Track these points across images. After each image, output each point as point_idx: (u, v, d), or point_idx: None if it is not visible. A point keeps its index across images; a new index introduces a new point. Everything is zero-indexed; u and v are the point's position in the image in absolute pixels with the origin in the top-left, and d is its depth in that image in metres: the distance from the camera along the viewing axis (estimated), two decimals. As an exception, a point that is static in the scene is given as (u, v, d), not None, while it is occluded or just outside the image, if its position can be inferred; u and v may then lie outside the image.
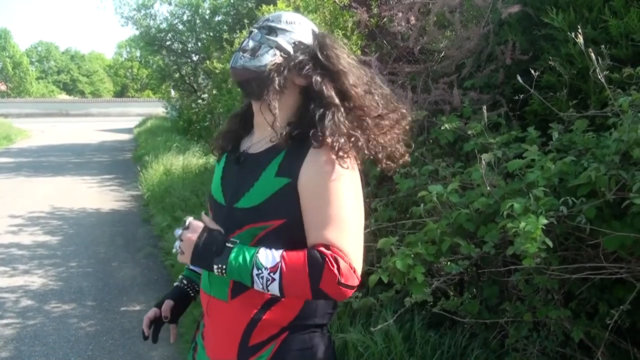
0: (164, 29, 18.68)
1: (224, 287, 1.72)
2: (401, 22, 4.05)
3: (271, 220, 1.65)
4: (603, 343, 2.56)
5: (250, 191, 1.69)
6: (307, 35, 1.74)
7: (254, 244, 1.64)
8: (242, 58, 1.70)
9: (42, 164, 15.63)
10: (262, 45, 1.70)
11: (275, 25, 1.71)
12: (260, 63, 1.69)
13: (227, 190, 1.78)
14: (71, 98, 58.23)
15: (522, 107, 3.50)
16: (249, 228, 1.67)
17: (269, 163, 1.69)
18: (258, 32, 1.72)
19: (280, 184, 1.65)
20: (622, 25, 3.00)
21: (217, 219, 1.75)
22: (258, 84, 1.70)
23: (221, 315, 1.75)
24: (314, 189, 1.61)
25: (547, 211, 2.28)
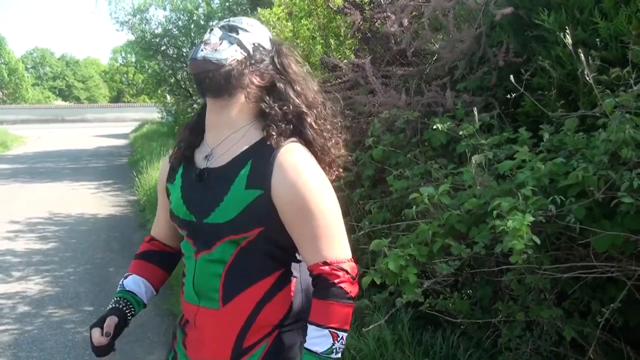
0: (159, 34, 18.67)
1: (213, 295, 1.73)
2: (394, 25, 4.08)
3: (249, 230, 1.68)
4: (595, 341, 2.58)
5: (220, 206, 1.70)
6: (265, 40, 1.77)
7: (237, 251, 1.70)
8: (202, 50, 1.68)
9: (38, 170, 15.62)
10: (224, 41, 1.70)
11: (236, 25, 1.73)
12: (221, 56, 1.68)
13: (194, 206, 1.76)
14: (67, 104, 58.18)
15: (515, 109, 3.53)
16: (230, 239, 1.69)
17: (236, 176, 1.70)
18: (219, 29, 1.73)
19: (252, 196, 1.66)
20: (612, 27, 3.03)
21: (192, 235, 1.78)
22: (217, 79, 1.69)
23: (212, 323, 1.76)
24: (294, 202, 1.65)
25: (536, 210, 2.31)
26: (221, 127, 1.75)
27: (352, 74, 4.29)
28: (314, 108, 1.79)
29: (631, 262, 2.44)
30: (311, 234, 1.66)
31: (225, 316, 1.73)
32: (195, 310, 1.78)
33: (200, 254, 1.74)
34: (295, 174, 1.65)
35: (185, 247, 1.81)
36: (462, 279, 3.48)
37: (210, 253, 1.72)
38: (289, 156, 1.67)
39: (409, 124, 3.77)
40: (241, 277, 1.71)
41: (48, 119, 41.10)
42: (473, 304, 3.32)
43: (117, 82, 61.24)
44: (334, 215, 1.70)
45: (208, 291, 1.74)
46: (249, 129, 1.74)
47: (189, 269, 1.79)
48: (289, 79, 1.77)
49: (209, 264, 1.73)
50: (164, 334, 4.82)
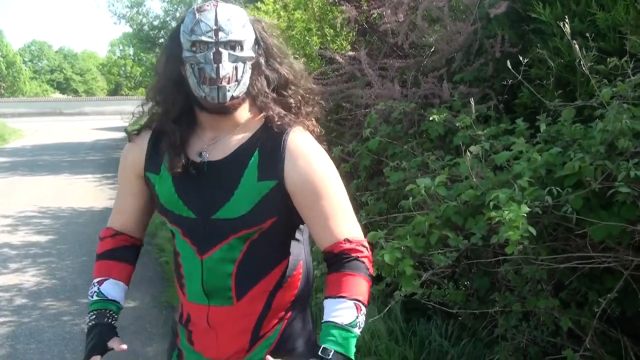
0: (156, 26, 18.66)
1: (226, 292, 1.70)
2: (390, 19, 4.07)
3: (263, 222, 1.66)
4: (591, 331, 2.58)
5: (231, 201, 1.65)
6: (251, 30, 1.68)
7: (248, 245, 1.67)
8: (228, 90, 1.60)
9: (37, 163, 15.58)
10: (238, 66, 1.62)
11: (235, 38, 1.60)
12: (245, 86, 1.65)
13: (194, 202, 1.69)
14: (65, 97, 57.95)
15: (512, 100, 3.53)
16: (243, 234, 1.66)
17: (244, 167, 1.66)
18: (224, 50, 1.59)
19: (266, 188, 1.65)
20: (610, 17, 3.02)
21: (190, 233, 1.71)
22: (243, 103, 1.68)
23: (227, 319, 1.73)
24: (310, 187, 1.64)
25: (532, 201, 2.31)
26: (222, 129, 1.71)
27: (348, 67, 4.28)
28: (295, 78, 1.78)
29: (628, 252, 2.44)
30: (329, 214, 1.66)
31: (241, 310, 1.72)
32: (204, 309, 1.74)
33: (207, 254, 1.69)
34: (307, 160, 1.65)
35: (182, 246, 1.75)
36: (459, 270, 3.48)
37: (219, 252, 1.68)
38: (298, 142, 1.67)
39: (405, 116, 3.77)
40: (254, 270, 1.70)
41: (46, 112, 40.93)
42: (470, 295, 3.33)
43: (115, 75, 61.23)
44: (346, 196, 1.72)
45: (221, 291, 1.70)
46: (247, 119, 1.72)
47: (190, 270, 1.73)
48: (270, 54, 1.72)
49: (219, 264, 1.69)
50: (162, 326, 4.82)
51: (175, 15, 18.45)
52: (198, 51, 1.59)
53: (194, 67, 1.60)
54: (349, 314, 1.59)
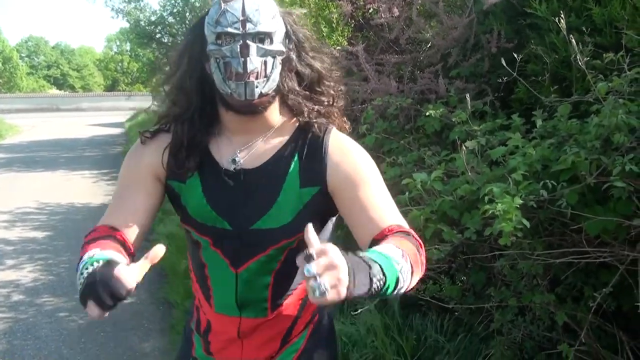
0: (153, 22, 18.61)
1: (262, 304, 1.62)
2: (385, 14, 4.07)
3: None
4: (587, 326, 2.59)
5: (272, 209, 1.54)
6: (282, 23, 1.56)
7: (286, 254, 1.57)
8: (257, 85, 1.48)
9: (34, 159, 15.58)
10: (267, 60, 1.49)
11: (265, 30, 1.48)
12: (275, 82, 1.52)
13: (228, 212, 1.57)
14: (62, 93, 57.93)
15: (509, 96, 3.53)
16: (283, 244, 1.55)
17: (285, 175, 1.56)
18: (252, 43, 1.46)
19: (309, 195, 1.55)
20: (606, 13, 3.02)
21: (222, 245, 1.59)
22: (272, 101, 1.56)
23: (260, 330, 1.65)
24: (352, 182, 1.53)
25: (527, 195, 2.32)
26: (253, 131, 1.60)
27: (345, 62, 4.28)
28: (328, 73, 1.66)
29: (623, 247, 2.45)
30: (375, 205, 1.50)
31: (274, 321, 1.64)
32: (235, 321, 1.64)
33: (243, 267, 1.58)
34: (348, 158, 1.56)
35: (211, 258, 1.62)
36: (455, 265, 3.49)
37: (256, 264, 1.57)
38: (338, 143, 1.58)
39: (402, 111, 3.77)
40: (289, 279, 1.62)
41: (43, 107, 40.91)
42: (466, 290, 3.33)
43: (112, 71, 61.14)
44: (387, 191, 1.58)
45: (255, 303, 1.62)
46: (279, 121, 1.62)
47: (221, 283, 1.62)
48: (303, 47, 1.60)
49: (256, 276, 1.59)
50: (159, 322, 4.83)
51: (172, 10, 18.41)
52: (224, 44, 1.48)
53: (219, 61, 1.48)
54: (395, 252, 1.32)
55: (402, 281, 1.29)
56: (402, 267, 1.29)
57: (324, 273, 1.12)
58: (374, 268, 1.21)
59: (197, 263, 1.67)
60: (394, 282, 1.26)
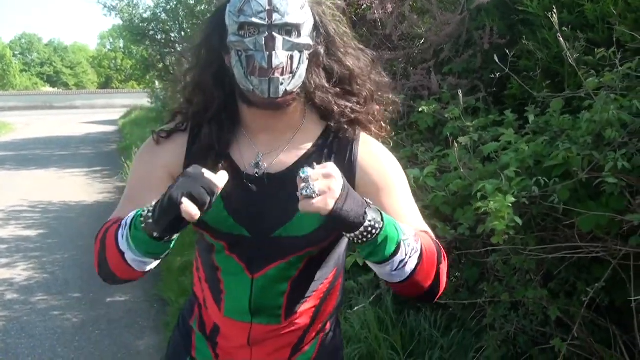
0: (147, 19, 18.53)
1: (275, 311, 1.52)
2: (378, 10, 4.07)
3: (328, 238, 1.48)
4: (580, 320, 2.60)
5: (296, 217, 1.42)
6: (310, 15, 1.44)
7: (306, 262, 1.49)
8: (282, 82, 1.36)
9: (27, 157, 15.53)
10: (294, 55, 1.37)
11: (292, 21, 1.36)
12: (301, 79, 1.41)
13: (249, 219, 1.46)
14: (55, 90, 57.69)
15: (501, 92, 3.54)
16: (306, 251, 1.48)
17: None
18: (278, 35, 1.35)
19: None
20: (598, 9, 3.03)
21: (239, 251, 1.49)
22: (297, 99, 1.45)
23: (272, 337, 1.55)
24: (382, 192, 1.45)
25: (519, 191, 2.32)
26: (276, 131, 1.49)
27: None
28: (362, 71, 1.54)
29: (616, 242, 2.46)
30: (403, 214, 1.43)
31: (287, 328, 1.55)
32: (246, 327, 1.53)
33: (261, 273, 1.48)
34: (379, 168, 1.47)
35: (226, 262, 1.52)
36: (449, 261, 3.49)
37: (274, 270, 1.48)
38: (368, 150, 1.49)
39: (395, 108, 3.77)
40: (306, 286, 1.53)
41: (36, 105, 40.79)
42: (460, 286, 3.34)
43: (106, 68, 60.87)
44: (413, 199, 1.53)
45: (269, 309, 1.52)
46: (304, 122, 1.52)
47: (235, 287, 1.52)
48: (333, 42, 1.49)
49: (273, 282, 1.49)
50: (153, 320, 4.83)
51: (166, 7, 18.34)
52: (247, 35, 1.36)
53: (241, 54, 1.36)
54: (407, 228, 1.29)
55: (404, 253, 1.26)
56: (408, 239, 1.26)
57: (317, 178, 1.15)
58: (372, 208, 1.21)
59: (208, 264, 1.57)
60: (395, 243, 1.23)
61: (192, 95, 1.53)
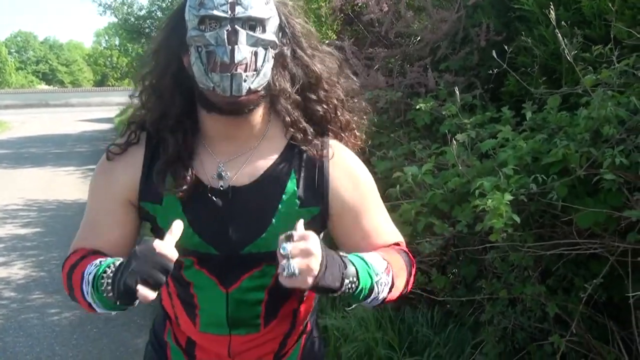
0: (142, 16, 18.49)
1: (254, 320, 1.45)
2: (374, 9, 4.07)
3: None
4: (578, 316, 2.60)
5: (267, 232, 1.37)
6: (276, 10, 1.37)
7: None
8: (245, 79, 1.27)
9: (23, 155, 15.49)
10: (258, 51, 1.29)
11: (257, 15, 1.28)
12: (266, 78, 1.32)
13: (216, 237, 1.38)
14: (51, 88, 57.67)
15: (498, 89, 3.54)
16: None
17: (281, 193, 1.38)
18: (241, 29, 1.26)
19: (309, 215, 1.39)
20: (595, 5, 3.03)
21: (209, 267, 1.41)
22: (262, 100, 1.36)
23: (252, 346, 1.50)
24: (356, 209, 1.43)
25: (517, 189, 2.32)
26: (238, 139, 1.40)
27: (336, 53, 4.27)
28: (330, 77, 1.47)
29: (614, 238, 2.46)
30: (376, 230, 1.45)
31: (267, 335, 1.50)
32: (224, 340, 1.47)
33: (234, 286, 1.41)
34: (353, 181, 1.43)
35: (196, 276, 1.43)
36: (447, 258, 3.50)
37: (248, 280, 1.41)
38: (341, 161, 1.43)
39: (392, 105, 3.77)
40: (284, 291, 1.35)
41: (32, 103, 40.69)
42: (457, 283, 3.35)
43: (101, 66, 60.82)
44: (385, 209, 1.52)
45: (248, 320, 1.45)
46: (268, 130, 1.43)
47: (209, 302, 1.44)
48: (299, 44, 1.42)
49: (249, 293, 1.42)
50: (149, 318, 4.81)
51: (161, 5, 18.30)
52: (208, 29, 1.26)
53: (201, 50, 1.27)
54: (379, 263, 1.30)
55: (376, 292, 1.28)
56: (380, 278, 1.28)
57: (297, 256, 1.14)
58: (349, 270, 1.21)
59: (178, 279, 1.47)
60: (368, 289, 1.25)
61: (149, 101, 1.44)
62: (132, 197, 1.43)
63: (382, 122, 3.75)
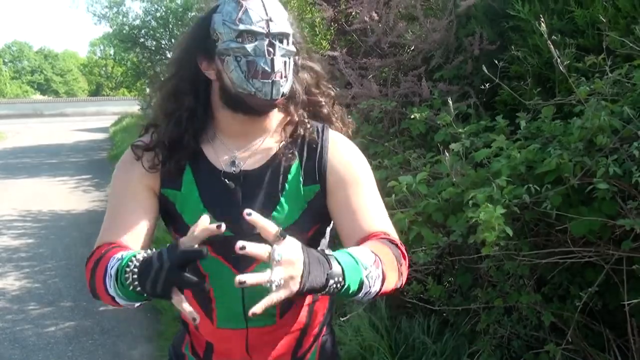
0: (137, 26, 18.52)
1: (269, 309, 1.40)
2: (364, 19, 4.08)
3: (308, 230, 1.54)
4: (573, 324, 2.61)
5: (276, 210, 1.50)
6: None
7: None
8: (282, 85, 1.45)
9: (17, 165, 15.46)
10: (287, 61, 1.47)
11: (285, 30, 1.47)
12: (291, 83, 1.51)
13: (228, 216, 1.42)
14: (45, 98, 57.48)
15: (492, 98, 3.55)
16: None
17: (287, 173, 1.53)
18: (277, 43, 1.45)
19: (311, 193, 1.53)
20: (588, 15, 3.05)
21: (224, 252, 1.48)
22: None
23: (269, 341, 1.56)
24: (350, 185, 1.52)
25: (511, 200, 2.33)
26: (249, 135, 1.56)
27: (327, 66, 4.29)
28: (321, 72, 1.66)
29: (608, 247, 2.47)
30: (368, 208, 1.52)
31: (283, 329, 1.56)
32: (242, 334, 1.54)
33: (249, 269, 1.43)
34: (348, 160, 1.56)
35: (211, 266, 1.50)
36: (442, 267, 3.50)
37: (263, 264, 1.38)
38: (337, 144, 1.58)
39: (386, 115, 3.78)
40: None
41: (27, 113, 40.59)
42: (453, 291, 3.35)
43: (96, 76, 60.62)
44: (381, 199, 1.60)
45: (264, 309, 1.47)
46: (275, 123, 1.59)
47: (225, 291, 1.50)
48: (303, 49, 1.60)
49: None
50: (146, 329, 4.81)
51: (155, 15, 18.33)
52: (246, 42, 1.43)
53: (240, 59, 1.43)
54: (367, 257, 1.33)
55: (367, 286, 1.30)
56: (370, 272, 1.30)
57: (282, 269, 1.18)
58: (335, 269, 1.24)
59: (195, 274, 1.42)
60: (357, 285, 1.28)
61: (166, 105, 1.58)
62: (154, 184, 1.56)
63: (377, 132, 3.76)
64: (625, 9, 2.88)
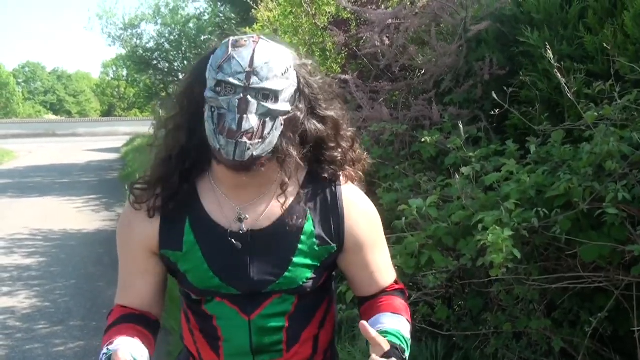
0: (150, 49, 18.73)
1: (277, 347, 1.49)
2: (375, 43, 4.12)
3: (319, 281, 1.51)
4: (583, 350, 2.60)
5: (288, 272, 1.44)
6: (294, 76, 1.40)
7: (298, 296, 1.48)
8: (249, 147, 1.32)
9: (28, 185, 15.53)
10: (266, 121, 1.34)
11: (270, 87, 1.33)
12: (271, 145, 1.36)
13: (237, 279, 1.44)
14: (58, 118, 57.97)
15: (503, 122, 3.57)
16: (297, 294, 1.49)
17: (299, 234, 1.45)
18: (253, 100, 1.32)
19: (326, 253, 1.48)
20: (597, 41, 3.07)
21: (234, 299, 1.46)
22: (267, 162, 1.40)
23: None
24: (368, 245, 1.53)
25: (520, 223, 2.34)
26: (251, 188, 1.46)
27: (339, 90, 4.32)
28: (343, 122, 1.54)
29: (618, 272, 2.47)
30: (381, 267, 1.57)
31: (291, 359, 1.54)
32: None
33: (256, 312, 1.46)
34: (366, 219, 1.53)
35: (216, 309, 1.49)
36: (453, 290, 3.49)
37: (270, 307, 1.47)
38: (353, 200, 1.51)
39: (397, 138, 3.80)
40: (304, 318, 1.51)
41: (39, 133, 40.85)
42: (463, 315, 3.34)
43: (109, 96, 61.24)
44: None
45: (271, 346, 1.48)
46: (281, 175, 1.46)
47: (233, 331, 1.48)
48: (317, 100, 1.46)
49: (270, 320, 1.47)
50: (155, 348, 4.79)
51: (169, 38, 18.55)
52: (222, 93, 1.33)
53: (214, 110, 1.33)
54: (406, 327, 1.49)
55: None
56: (409, 340, 1.48)
57: None
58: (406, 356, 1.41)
59: (200, 314, 1.52)
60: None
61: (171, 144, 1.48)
62: (152, 246, 1.50)
63: (388, 154, 3.78)
64: (635, 35, 2.90)
